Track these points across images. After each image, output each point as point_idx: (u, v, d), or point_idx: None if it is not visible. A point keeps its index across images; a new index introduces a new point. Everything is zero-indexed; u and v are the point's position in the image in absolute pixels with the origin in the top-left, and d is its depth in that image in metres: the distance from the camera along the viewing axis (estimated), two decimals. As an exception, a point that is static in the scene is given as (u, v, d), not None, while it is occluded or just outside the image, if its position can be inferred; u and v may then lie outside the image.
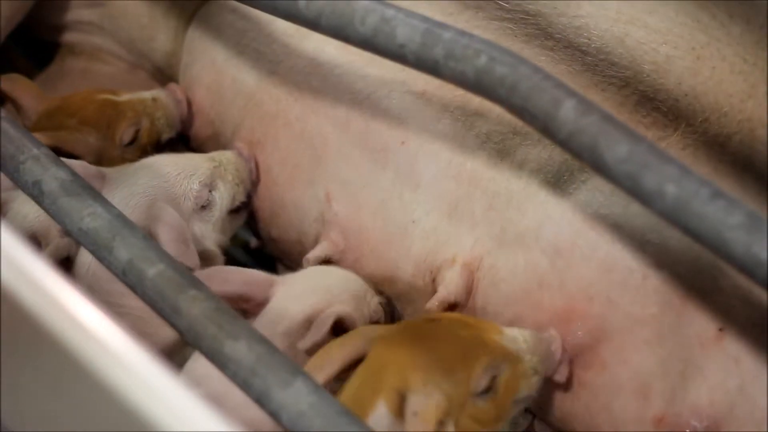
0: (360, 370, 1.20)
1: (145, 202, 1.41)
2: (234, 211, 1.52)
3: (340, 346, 1.22)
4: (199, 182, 1.46)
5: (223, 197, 1.48)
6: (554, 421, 1.36)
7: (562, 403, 1.34)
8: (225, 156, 1.52)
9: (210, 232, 1.47)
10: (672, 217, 1.03)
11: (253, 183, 1.53)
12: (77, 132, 1.54)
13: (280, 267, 1.62)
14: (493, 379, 1.21)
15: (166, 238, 1.34)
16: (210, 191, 1.47)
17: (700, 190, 1.01)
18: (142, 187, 1.42)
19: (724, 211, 1.00)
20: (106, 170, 1.44)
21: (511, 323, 1.31)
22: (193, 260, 1.35)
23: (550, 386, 1.31)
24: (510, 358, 1.22)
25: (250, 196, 1.54)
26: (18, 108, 1.61)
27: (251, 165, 1.52)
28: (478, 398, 1.20)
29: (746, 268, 1.01)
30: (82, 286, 1.11)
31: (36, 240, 1.41)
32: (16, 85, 1.61)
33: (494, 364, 1.21)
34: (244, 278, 1.33)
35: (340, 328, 1.30)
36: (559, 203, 1.33)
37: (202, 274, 1.29)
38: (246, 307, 1.32)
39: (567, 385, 1.32)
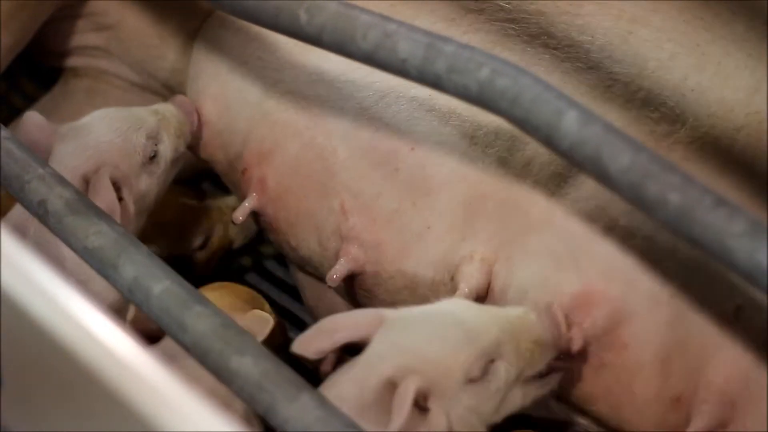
0: None
1: (97, 155, 1.43)
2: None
3: None
4: (147, 136, 1.48)
5: (167, 149, 1.50)
6: (573, 402, 1.36)
7: (583, 384, 1.33)
8: (167, 109, 1.53)
9: (154, 186, 1.49)
10: (675, 225, 1.03)
11: (194, 135, 1.55)
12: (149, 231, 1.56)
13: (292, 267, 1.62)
14: None
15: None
16: (156, 144, 1.49)
17: (702, 199, 1.01)
18: (95, 140, 1.44)
19: (727, 219, 1.00)
20: (59, 126, 1.46)
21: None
22: None
23: (571, 368, 1.31)
24: None
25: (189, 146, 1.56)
26: None
27: (193, 118, 1.54)
28: None
29: (749, 276, 1.01)
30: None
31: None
32: None
33: None
34: (353, 321, 1.24)
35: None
36: (575, 188, 1.33)
37: (314, 331, 1.23)
38: None
39: (588, 367, 1.31)
